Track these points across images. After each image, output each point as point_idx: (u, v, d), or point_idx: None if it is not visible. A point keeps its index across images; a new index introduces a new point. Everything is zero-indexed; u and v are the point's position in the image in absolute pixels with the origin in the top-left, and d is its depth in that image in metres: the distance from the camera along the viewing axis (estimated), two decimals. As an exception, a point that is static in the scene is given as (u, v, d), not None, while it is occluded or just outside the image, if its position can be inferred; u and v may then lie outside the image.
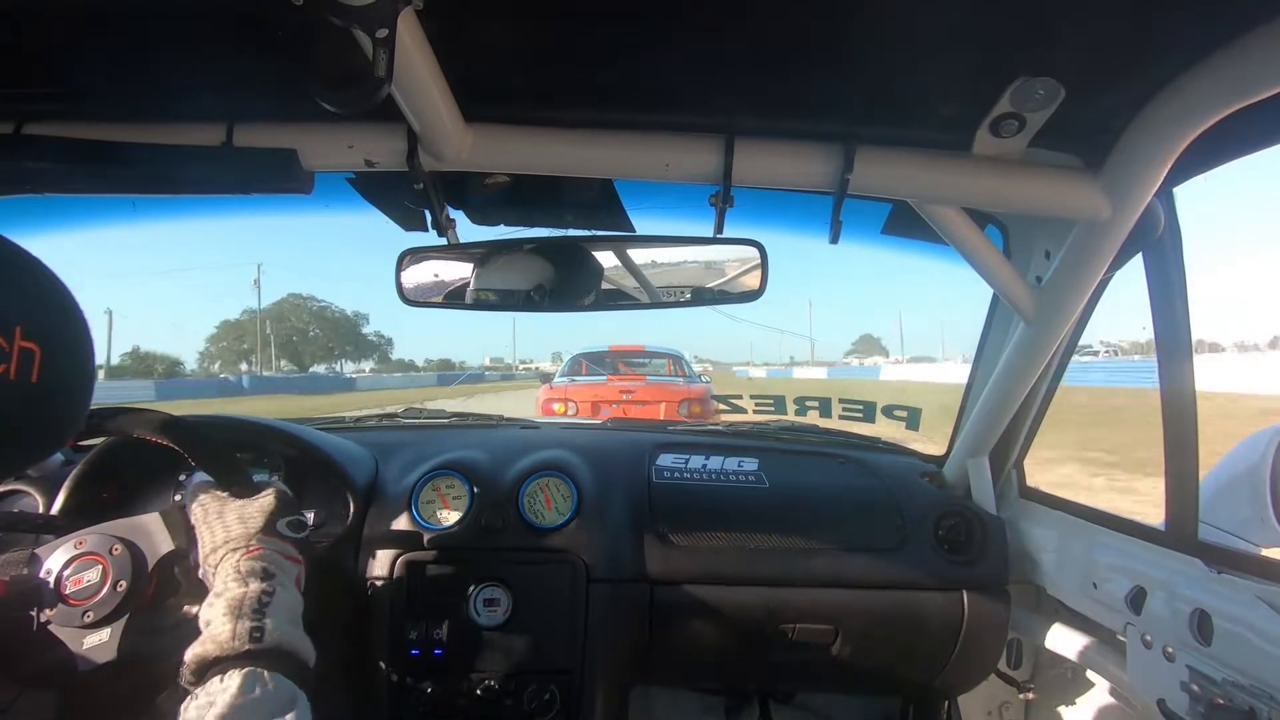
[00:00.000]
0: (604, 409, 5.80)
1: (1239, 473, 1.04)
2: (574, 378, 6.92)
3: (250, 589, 0.70)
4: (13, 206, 1.03)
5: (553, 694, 1.10)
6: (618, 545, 1.19)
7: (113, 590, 0.84)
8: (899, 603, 1.22)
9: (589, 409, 5.93)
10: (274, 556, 0.75)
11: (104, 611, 0.82)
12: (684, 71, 0.77)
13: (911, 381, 26.22)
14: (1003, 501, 1.32)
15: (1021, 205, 0.88)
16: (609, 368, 7.01)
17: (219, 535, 0.77)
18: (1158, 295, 0.93)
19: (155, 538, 0.87)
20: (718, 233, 0.95)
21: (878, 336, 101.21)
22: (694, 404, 5.99)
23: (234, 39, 0.70)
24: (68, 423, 0.56)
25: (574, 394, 6.21)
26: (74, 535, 0.88)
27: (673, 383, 6.72)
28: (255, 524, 0.78)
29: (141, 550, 0.86)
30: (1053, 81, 0.70)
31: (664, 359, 7.37)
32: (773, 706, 1.58)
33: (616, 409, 5.79)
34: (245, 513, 0.79)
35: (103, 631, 0.82)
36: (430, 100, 0.74)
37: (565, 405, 6.04)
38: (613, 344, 7.45)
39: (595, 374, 6.87)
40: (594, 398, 6.06)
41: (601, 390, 6.28)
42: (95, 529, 0.88)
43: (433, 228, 1.01)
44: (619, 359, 7.18)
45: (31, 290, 0.51)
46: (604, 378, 6.71)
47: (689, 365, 7.50)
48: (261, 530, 0.77)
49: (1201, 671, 0.85)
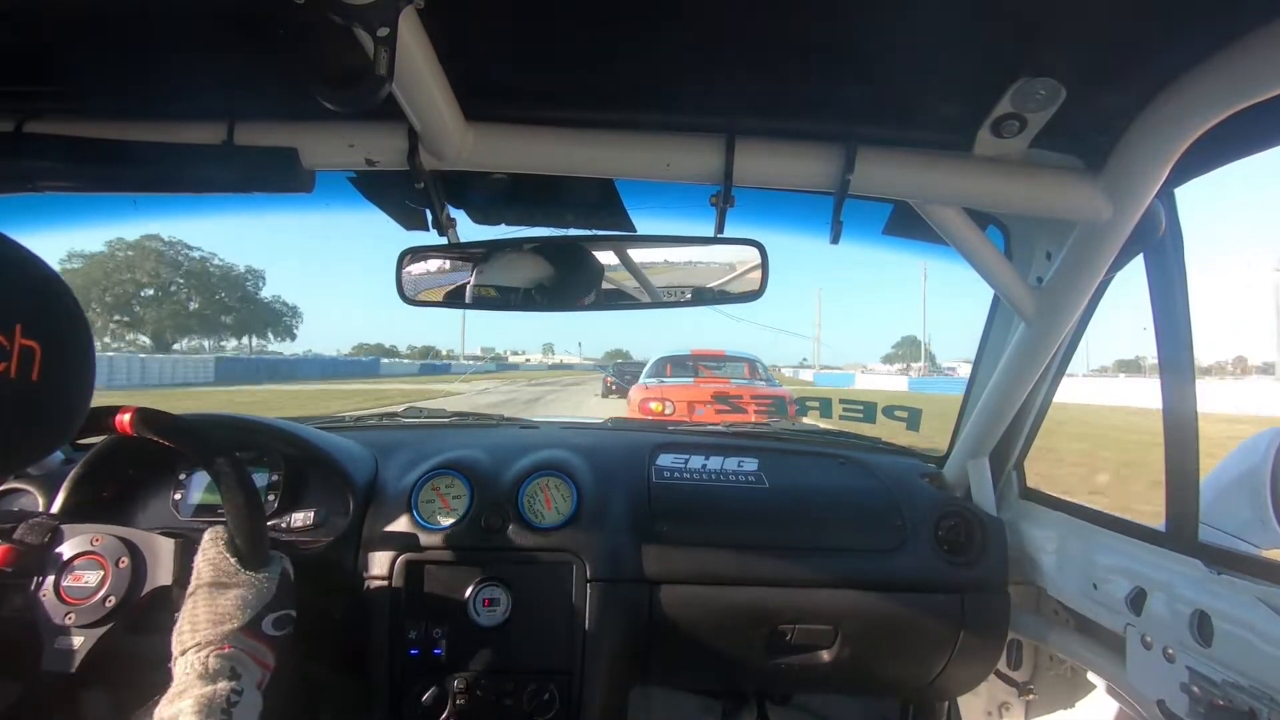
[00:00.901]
0: (698, 409, 6.19)
1: (1239, 474, 1.04)
2: (661, 379, 7.30)
3: (218, 687, 0.69)
4: (13, 205, 1.03)
5: (552, 694, 1.10)
6: (617, 545, 1.19)
7: (101, 603, 0.84)
8: (899, 603, 1.22)
9: (685, 408, 6.30)
10: (243, 657, 0.74)
11: (85, 619, 0.83)
12: (685, 71, 0.77)
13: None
14: (1003, 502, 1.32)
15: (1022, 206, 0.88)
16: (691, 371, 7.40)
17: (202, 621, 0.74)
18: (1159, 296, 0.93)
19: (160, 565, 0.88)
20: (718, 233, 0.95)
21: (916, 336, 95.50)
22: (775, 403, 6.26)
23: (235, 37, 0.70)
24: (68, 421, 0.56)
25: (670, 394, 6.59)
26: (94, 529, 0.88)
27: (755, 384, 7.05)
28: (242, 619, 0.76)
29: (144, 574, 0.87)
30: (1054, 82, 0.70)
31: (743, 363, 7.73)
32: (771, 707, 1.58)
33: (710, 409, 6.13)
34: (242, 599, 0.77)
35: (75, 639, 0.82)
36: (431, 99, 0.74)
37: (663, 404, 6.44)
38: (694, 348, 7.87)
39: (680, 376, 7.27)
40: (689, 398, 6.41)
41: (693, 391, 6.62)
42: (115, 530, 0.89)
43: (433, 227, 1.02)
44: (699, 361, 7.60)
45: (32, 288, 0.51)
46: (690, 380, 7.09)
47: (765, 369, 7.83)
48: (246, 626, 0.75)
49: (1201, 673, 0.85)
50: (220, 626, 0.74)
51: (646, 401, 6.55)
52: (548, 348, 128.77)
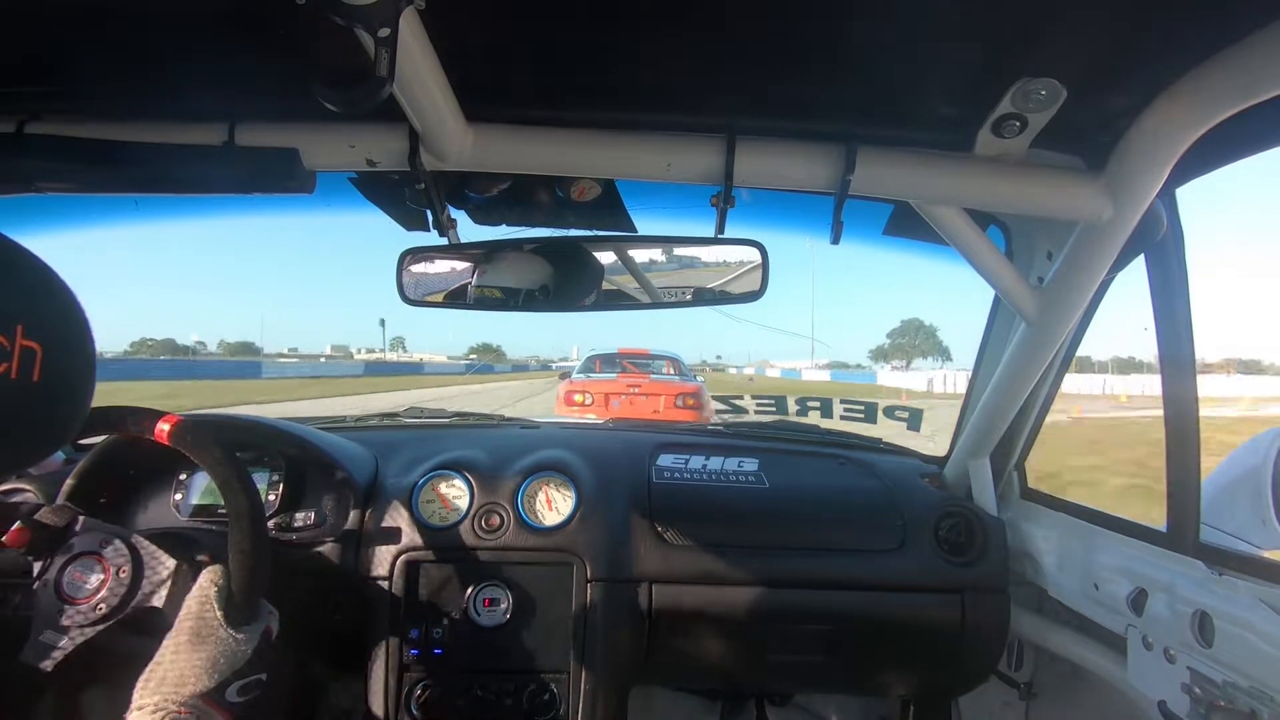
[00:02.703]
0: (614, 400, 7.14)
1: (1240, 475, 1.04)
2: (590, 374, 8.11)
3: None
4: (15, 205, 1.03)
5: (552, 694, 1.10)
6: (617, 545, 1.19)
7: (93, 608, 0.84)
8: (899, 604, 1.22)
9: (602, 399, 7.19)
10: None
11: (75, 621, 0.83)
12: (685, 71, 0.77)
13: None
14: (1004, 503, 1.32)
15: (1023, 206, 0.88)
16: (619, 367, 8.20)
17: (167, 677, 0.73)
18: (1159, 297, 0.92)
19: (156, 585, 0.87)
20: (719, 233, 0.95)
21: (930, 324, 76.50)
22: (688, 397, 7.19)
23: (236, 39, 0.70)
24: (69, 421, 0.56)
25: (591, 387, 7.44)
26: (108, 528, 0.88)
27: (671, 380, 7.82)
28: (205, 684, 0.74)
29: (139, 589, 0.86)
30: (1054, 82, 0.70)
31: (665, 360, 8.54)
32: (771, 707, 1.58)
33: (625, 400, 7.13)
34: (212, 662, 0.75)
35: (60, 638, 0.82)
36: (432, 100, 0.74)
37: (584, 395, 7.31)
38: (621, 346, 8.73)
39: (607, 371, 8.08)
40: (607, 390, 7.30)
41: (612, 384, 7.46)
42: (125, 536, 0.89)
43: (434, 227, 1.02)
44: (626, 359, 8.40)
45: (33, 289, 0.51)
46: (614, 375, 7.85)
47: (685, 366, 8.65)
48: (207, 693, 0.73)
49: (1202, 673, 0.85)
50: (181, 689, 0.73)
51: (571, 394, 7.38)
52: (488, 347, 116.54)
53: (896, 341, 79.84)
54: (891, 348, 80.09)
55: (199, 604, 0.78)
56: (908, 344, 76.94)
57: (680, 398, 7.24)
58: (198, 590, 0.79)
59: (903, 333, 79.16)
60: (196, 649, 0.75)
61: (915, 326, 77.92)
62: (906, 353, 75.73)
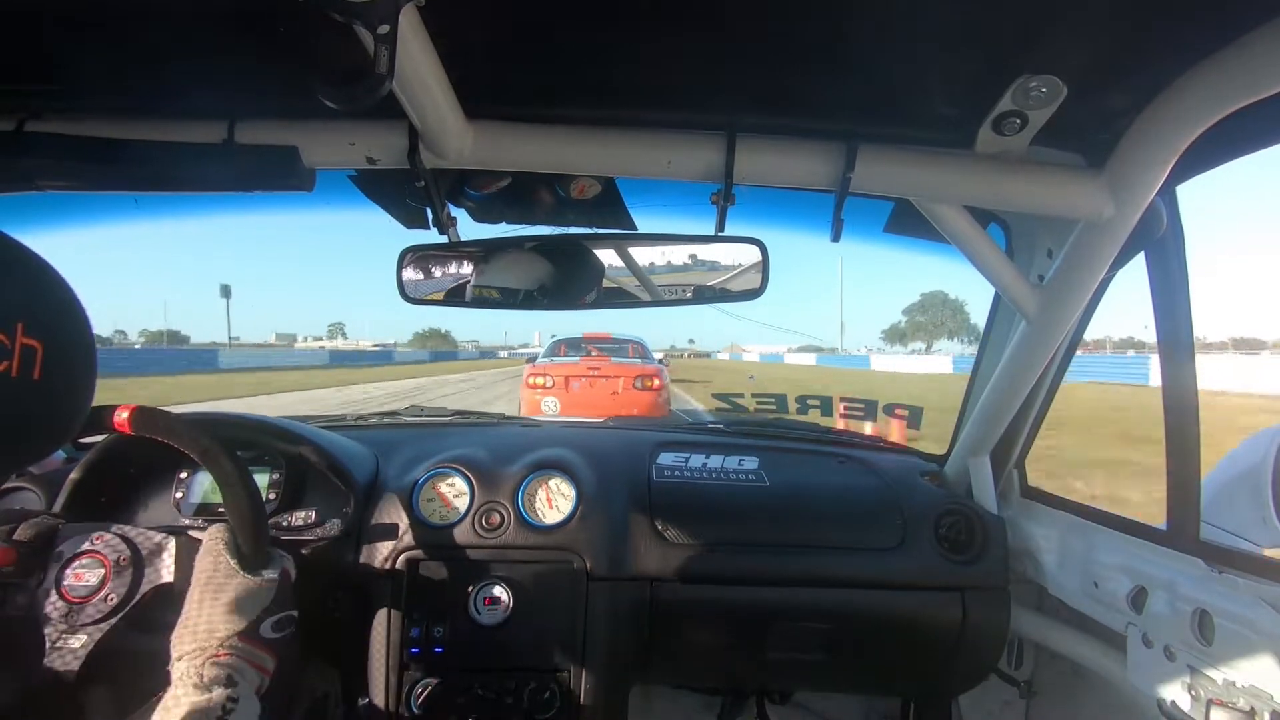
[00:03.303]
0: (574, 383, 7.47)
1: (1240, 473, 1.04)
2: (553, 358, 8.35)
3: (213, 696, 0.68)
4: (14, 204, 1.03)
5: (552, 692, 1.10)
6: (618, 544, 1.19)
7: (103, 600, 0.84)
8: (899, 602, 1.22)
9: (563, 381, 7.50)
10: (240, 664, 0.73)
11: (88, 618, 0.83)
12: (685, 69, 0.77)
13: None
14: (1004, 501, 1.32)
15: (1024, 204, 0.88)
16: (582, 350, 8.47)
17: (199, 626, 0.74)
18: (1160, 294, 0.92)
19: (161, 562, 0.88)
20: (719, 231, 0.95)
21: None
22: (646, 379, 7.56)
23: (235, 36, 0.70)
24: (70, 420, 0.56)
25: (552, 370, 7.66)
26: (94, 529, 0.89)
27: (631, 363, 8.04)
28: (238, 624, 0.74)
29: (144, 572, 0.87)
30: (1055, 79, 0.69)
31: (628, 344, 8.82)
32: (771, 705, 1.58)
33: (585, 383, 7.47)
34: (238, 603, 0.76)
35: (79, 637, 0.82)
36: (431, 97, 0.74)
37: (545, 378, 7.56)
38: (586, 331, 9.07)
39: (571, 355, 8.28)
40: (567, 373, 7.59)
41: (573, 368, 7.70)
42: (115, 530, 0.89)
43: (434, 225, 1.02)
44: (590, 344, 8.70)
45: (33, 287, 0.51)
46: (577, 358, 8.10)
47: (648, 349, 8.95)
48: (242, 631, 0.74)
49: (1202, 671, 0.85)
50: (215, 633, 0.73)
51: (533, 376, 7.66)
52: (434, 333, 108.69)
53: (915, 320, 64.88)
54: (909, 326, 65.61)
55: (212, 559, 0.78)
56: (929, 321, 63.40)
57: (640, 379, 7.52)
58: (206, 549, 0.80)
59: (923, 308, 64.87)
60: (218, 597, 0.76)
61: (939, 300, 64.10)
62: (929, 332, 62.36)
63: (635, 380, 7.50)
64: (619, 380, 7.49)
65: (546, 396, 7.39)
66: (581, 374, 7.53)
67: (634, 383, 7.49)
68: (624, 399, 7.39)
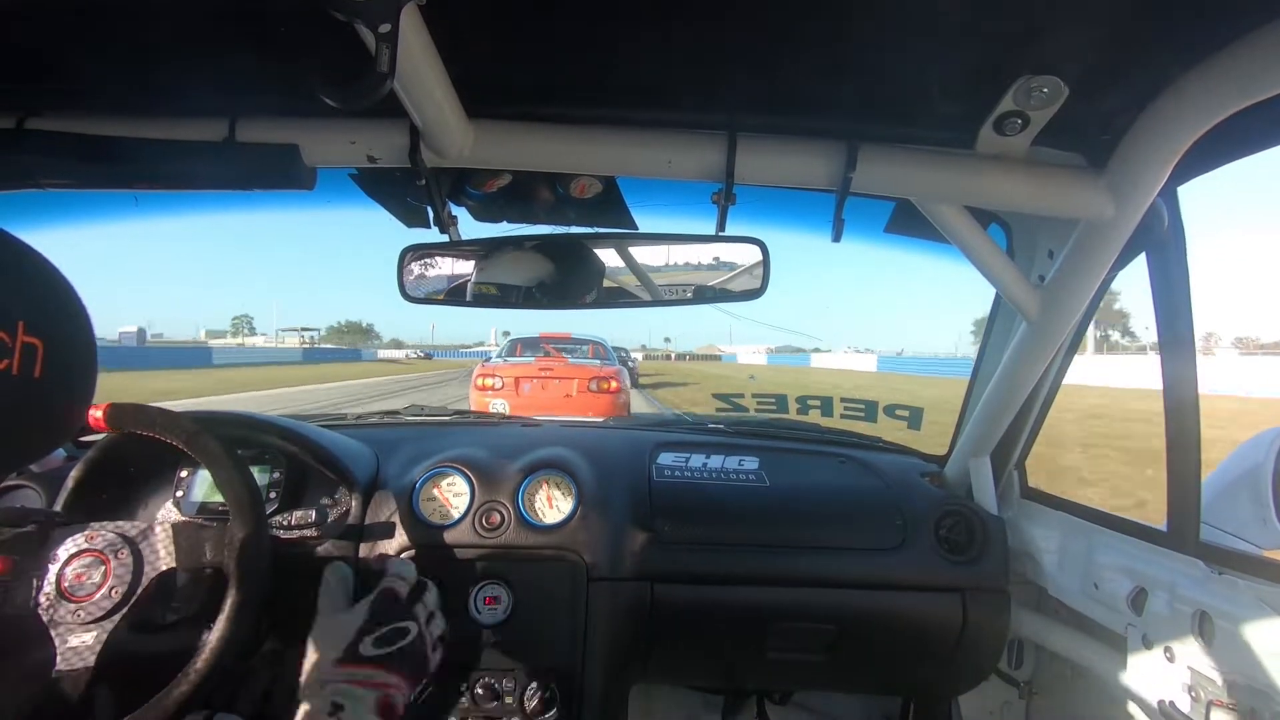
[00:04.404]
0: (525, 385, 7.08)
1: (1240, 474, 1.04)
2: (508, 358, 7.94)
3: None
4: (15, 201, 1.03)
5: (552, 692, 1.10)
6: (618, 543, 1.19)
7: (108, 594, 0.85)
8: (899, 602, 1.22)
9: (513, 383, 7.11)
10: (345, 688, 0.73)
11: (95, 614, 0.83)
12: (687, 68, 0.77)
13: None
14: (1004, 501, 1.32)
15: (1025, 204, 0.88)
16: (539, 350, 8.08)
17: (305, 668, 0.77)
18: (1160, 295, 0.92)
19: (160, 551, 0.88)
20: (720, 231, 0.94)
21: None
22: (602, 381, 7.14)
23: (237, 34, 0.70)
24: (71, 419, 0.56)
25: (502, 371, 7.27)
26: (87, 528, 0.89)
27: (589, 364, 7.66)
28: (328, 652, 0.77)
29: (144, 561, 0.87)
30: (1056, 80, 0.69)
31: (588, 344, 8.41)
32: (771, 705, 1.58)
33: (536, 384, 7.09)
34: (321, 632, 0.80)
35: (88, 634, 0.82)
36: (432, 96, 0.74)
37: (494, 379, 7.18)
38: (544, 331, 8.69)
39: (526, 355, 7.94)
40: (518, 374, 7.19)
41: (525, 368, 7.31)
42: (108, 526, 0.89)
43: (435, 224, 1.02)
44: (548, 343, 8.28)
45: (34, 285, 0.51)
46: (532, 359, 7.73)
47: (609, 350, 8.55)
48: (338, 658, 0.76)
49: (1202, 672, 0.85)
50: (311, 669, 0.77)
51: (482, 376, 7.31)
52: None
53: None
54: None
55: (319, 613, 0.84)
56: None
57: (595, 381, 7.09)
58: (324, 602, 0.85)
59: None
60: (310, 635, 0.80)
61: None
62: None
63: (590, 382, 7.10)
64: (573, 382, 7.12)
65: (495, 398, 6.98)
66: (533, 375, 7.16)
67: (589, 384, 7.09)
68: (578, 401, 6.97)
